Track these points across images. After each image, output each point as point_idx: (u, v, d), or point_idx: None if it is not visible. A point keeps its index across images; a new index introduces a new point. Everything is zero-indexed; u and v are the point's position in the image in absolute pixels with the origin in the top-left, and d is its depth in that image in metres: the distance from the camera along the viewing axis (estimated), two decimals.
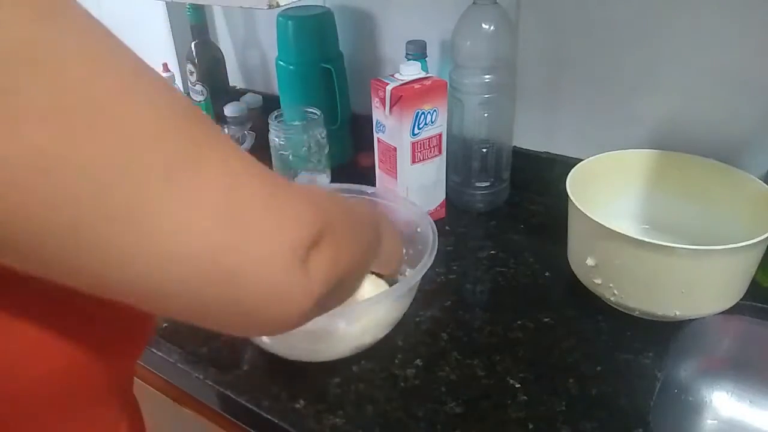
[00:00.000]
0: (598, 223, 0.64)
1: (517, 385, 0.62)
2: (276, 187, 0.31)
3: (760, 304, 0.67)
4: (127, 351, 0.37)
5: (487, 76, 0.83)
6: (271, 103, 1.11)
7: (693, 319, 0.65)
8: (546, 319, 0.70)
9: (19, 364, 0.29)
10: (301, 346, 0.64)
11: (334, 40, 1.00)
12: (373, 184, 0.87)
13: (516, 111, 0.93)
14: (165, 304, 0.28)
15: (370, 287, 0.70)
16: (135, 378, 0.42)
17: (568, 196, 0.69)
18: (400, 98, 0.77)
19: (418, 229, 0.73)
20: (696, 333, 0.66)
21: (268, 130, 0.94)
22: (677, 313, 0.64)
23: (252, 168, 0.30)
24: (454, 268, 0.79)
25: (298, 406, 0.61)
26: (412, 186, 0.83)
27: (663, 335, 0.66)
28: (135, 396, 0.43)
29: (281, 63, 1.00)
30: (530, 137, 0.94)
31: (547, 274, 0.78)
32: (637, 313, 0.68)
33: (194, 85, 1.14)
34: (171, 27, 1.25)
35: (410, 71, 0.80)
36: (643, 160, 0.79)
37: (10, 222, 0.23)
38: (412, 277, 0.64)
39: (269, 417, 0.60)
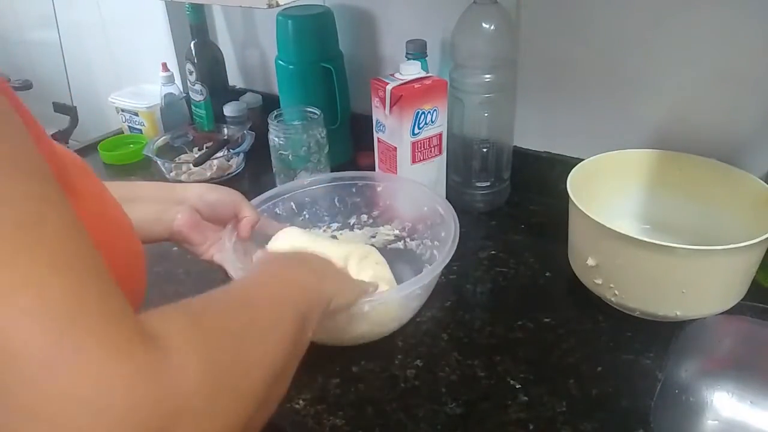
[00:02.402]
0: (598, 223, 0.64)
1: (518, 386, 0.62)
2: (104, 340, 0.23)
3: (760, 305, 0.67)
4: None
5: (487, 76, 0.83)
6: (270, 103, 1.11)
7: (694, 320, 0.65)
8: (546, 320, 0.70)
9: None
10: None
11: (333, 40, 1.00)
12: None
13: (516, 111, 0.93)
14: None
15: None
16: None
17: (568, 196, 0.69)
18: (400, 98, 0.77)
19: (425, 208, 0.76)
20: (697, 333, 0.66)
21: (268, 130, 0.94)
22: (678, 313, 0.64)
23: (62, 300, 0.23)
24: (455, 268, 0.79)
25: (298, 406, 0.61)
26: None
27: (664, 335, 0.65)
28: None
29: (281, 62, 1.00)
30: (531, 137, 0.94)
31: (547, 274, 0.78)
32: (638, 313, 0.67)
33: (194, 85, 1.14)
34: (170, 26, 1.25)
35: (410, 71, 0.80)
36: (643, 160, 0.79)
37: None
38: (436, 267, 0.65)
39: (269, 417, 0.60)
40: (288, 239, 0.70)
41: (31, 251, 0.23)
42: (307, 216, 0.81)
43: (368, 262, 0.70)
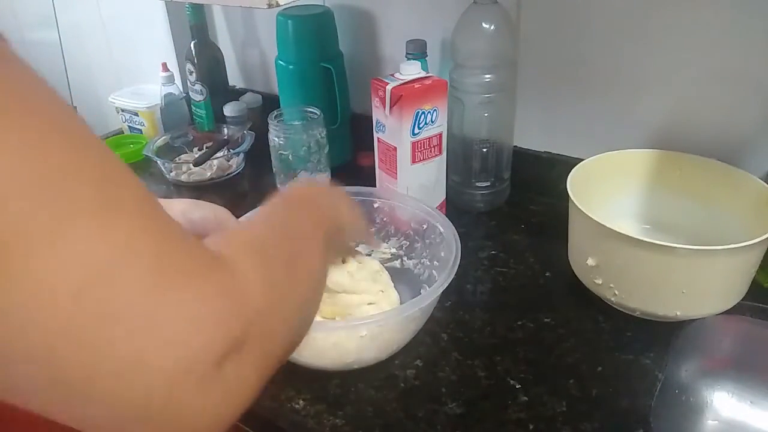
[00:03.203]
0: (598, 223, 0.64)
1: (518, 386, 0.62)
2: (184, 270, 0.27)
3: (761, 305, 0.66)
4: None
5: (487, 76, 0.83)
6: (270, 103, 1.11)
7: (694, 320, 0.65)
8: (546, 320, 0.70)
9: None
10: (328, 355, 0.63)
11: (333, 40, 1.00)
12: (374, 184, 0.87)
13: (516, 110, 0.93)
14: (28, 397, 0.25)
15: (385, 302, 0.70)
16: None
17: (568, 195, 0.69)
18: (400, 98, 0.77)
19: (424, 226, 0.74)
20: (697, 333, 0.66)
21: (268, 130, 0.94)
22: (678, 313, 0.64)
23: (155, 235, 0.27)
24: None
25: (298, 406, 0.61)
26: (412, 186, 0.83)
27: (663, 335, 0.65)
28: None
29: (281, 62, 1.00)
30: (531, 137, 0.94)
31: (547, 274, 0.78)
32: (638, 313, 0.67)
33: (194, 85, 1.14)
34: (170, 26, 1.25)
35: (410, 71, 0.80)
36: (643, 159, 0.79)
37: None
38: (434, 291, 0.62)
39: (269, 417, 0.60)
40: None
41: (116, 209, 0.26)
42: None
43: (383, 277, 0.71)
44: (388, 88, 0.78)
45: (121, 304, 0.24)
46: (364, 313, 0.67)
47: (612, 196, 0.79)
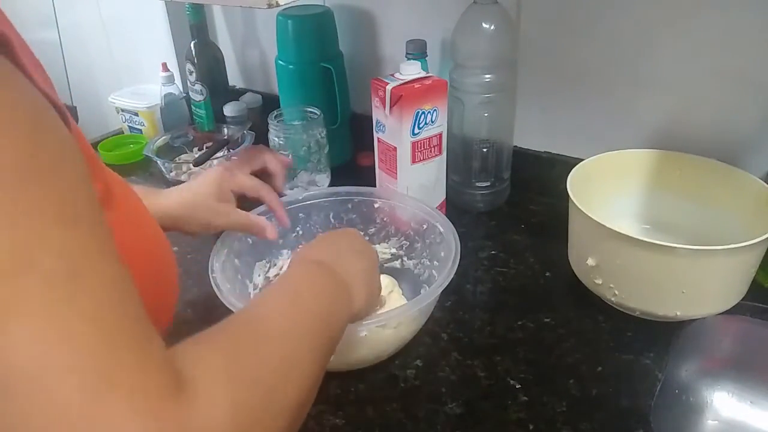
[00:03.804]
0: (598, 223, 0.64)
1: (518, 386, 0.62)
2: (132, 385, 0.24)
3: (760, 305, 0.67)
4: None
5: (487, 76, 0.83)
6: (270, 103, 1.11)
7: (694, 320, 0.65)
8: (546, 320, 0.70)
9: None
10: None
11: (333, 40, 1.00)
12: (374, 184, 0.87)
13: (516, 110, 0.93)
14: None
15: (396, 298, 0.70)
16: None
17: (568, 195, 0.69)
18: (400, 98, 0.77)
19: (424, 226, 0.74)
20: (697, 333, 0.66)
21: (268, 130, 0.94)
22: (678, 313, 0.64)
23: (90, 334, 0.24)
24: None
25: None
26: (412, 186, 0.83)
27: (664, 335, 0.65)
28: None
29: (281, 62, 1.00)
30: (531, 137, 0.94)
31: (547, 274, 0.78)
32: (638, 313, 0.67)
33: (194, 85, 1.14)
34: (170, 26, 1.25)
35: (410, 71, 0.80)
36: (643, 160, 0.79)
37: None
38: (433, 290, 0.62)
39: None
40: None
41: (67, 304, 0.24)
42: (300, 232, 0.78)
43: (395, 295, 0.70)
44: (388, 88, 0.78)
45: (42, 418, 0.22)
46: None
47: (612, 196, 0.79)
